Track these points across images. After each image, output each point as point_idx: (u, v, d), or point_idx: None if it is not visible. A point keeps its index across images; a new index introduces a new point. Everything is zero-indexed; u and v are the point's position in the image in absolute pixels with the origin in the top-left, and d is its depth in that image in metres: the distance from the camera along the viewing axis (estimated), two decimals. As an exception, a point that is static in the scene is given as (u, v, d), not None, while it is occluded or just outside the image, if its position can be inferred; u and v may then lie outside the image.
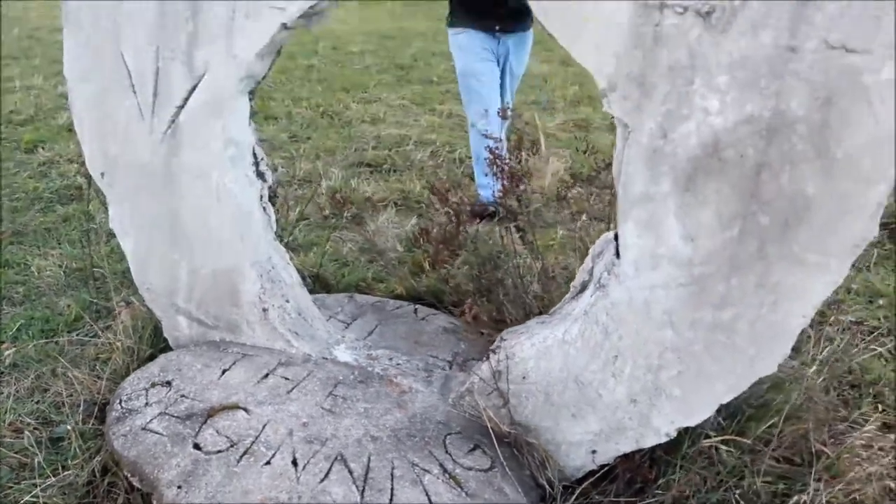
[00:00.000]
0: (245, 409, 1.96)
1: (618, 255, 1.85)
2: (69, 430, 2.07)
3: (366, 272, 3.23)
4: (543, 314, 2.18)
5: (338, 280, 3.13)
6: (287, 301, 2.19)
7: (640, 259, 1.82)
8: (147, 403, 2.00)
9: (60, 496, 1.87)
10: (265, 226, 2.19)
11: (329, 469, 1.78)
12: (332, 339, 2.28)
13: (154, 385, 2.08)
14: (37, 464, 1.97)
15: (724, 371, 1.83)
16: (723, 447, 2.02)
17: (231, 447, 1.83)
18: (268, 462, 1.79)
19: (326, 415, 1.97)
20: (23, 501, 1.84)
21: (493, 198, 2.76)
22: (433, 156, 5.00)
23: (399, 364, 2.28)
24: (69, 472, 1.94)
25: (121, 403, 2.02)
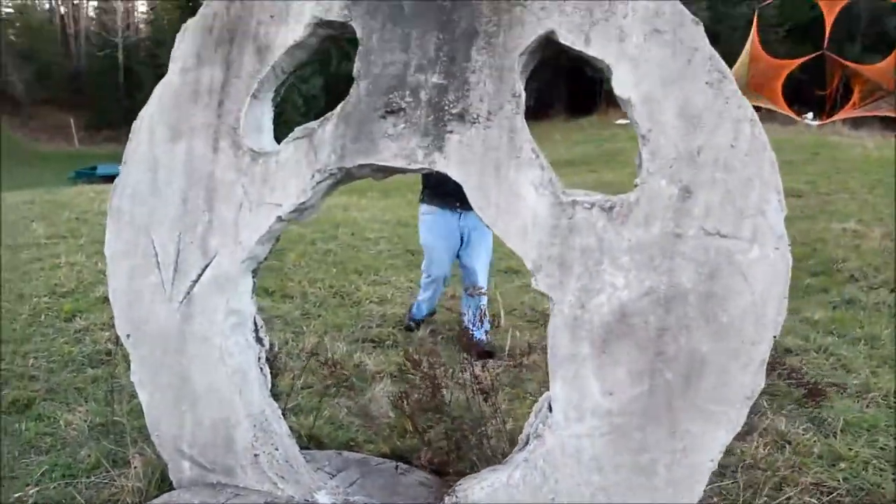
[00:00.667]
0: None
1: (550, 409, 2.18)
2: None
3: (357, 434, 3.52)
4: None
5: (331, 439, 3.42)
6: (276, 449, 2.51)
7: (568, 411, 2.14)
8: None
9: None
10: (261, 384, 2.55)
11: None
12: (315, 485, 2.56)
13: (154, 523, 2.36)
14: None
15: (647, 510, 2.09)
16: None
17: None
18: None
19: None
20: None
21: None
22: (433, 333, 5.40)
23: (373, 509, 2.53)
24: None
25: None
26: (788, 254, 2.01)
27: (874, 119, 22.02)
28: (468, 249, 4.80)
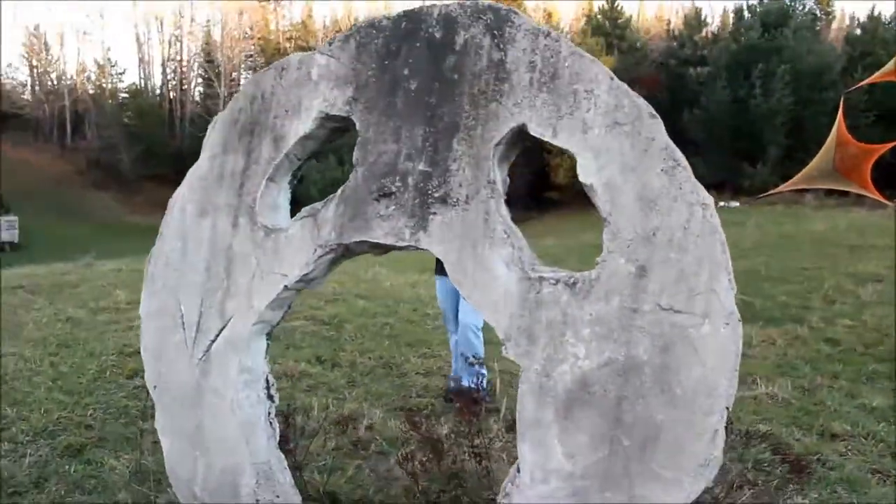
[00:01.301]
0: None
1: (518, 470, 2.33)
2: None
3: (372, 493, 3.69)
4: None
5: (346, 497, 3.60)
6: (277, 496, 2.72)
7: (535, 472, 2.29)
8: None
9: None
10: (269, 436, 2.80)
11: None
12: (312, 535, 2.76)
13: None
14: None
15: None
16: None
17: None
18: None
19: None
20: None
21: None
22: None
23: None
24: None
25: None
26: (739, 330, 2.14)
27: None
28: (460, 305, 5.30)
